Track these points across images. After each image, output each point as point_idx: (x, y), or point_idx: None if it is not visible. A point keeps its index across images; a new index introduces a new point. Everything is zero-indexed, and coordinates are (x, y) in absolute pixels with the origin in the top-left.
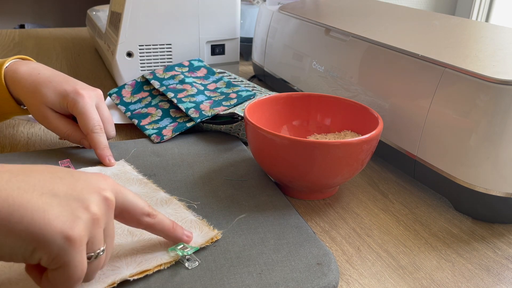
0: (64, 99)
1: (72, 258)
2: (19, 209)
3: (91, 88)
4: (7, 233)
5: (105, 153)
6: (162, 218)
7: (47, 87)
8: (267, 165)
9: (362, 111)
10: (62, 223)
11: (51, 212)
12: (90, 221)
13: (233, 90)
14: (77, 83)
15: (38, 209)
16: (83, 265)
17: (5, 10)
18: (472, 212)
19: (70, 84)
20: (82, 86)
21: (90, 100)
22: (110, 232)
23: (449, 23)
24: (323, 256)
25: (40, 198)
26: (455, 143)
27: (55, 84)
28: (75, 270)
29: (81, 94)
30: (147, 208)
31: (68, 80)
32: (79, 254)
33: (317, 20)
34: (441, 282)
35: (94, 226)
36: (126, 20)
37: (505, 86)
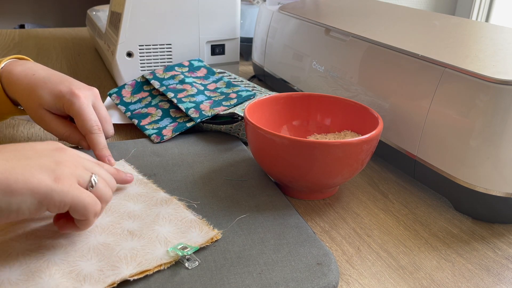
0: (59, 100)
1: (73, 194)
2: (11, 174)
3: (86, 87)
4: (11, 193)
5: (104, 153)
6: (107, 166)
7: (42, 88)
8: (267, 165)
9: (362, 111)
10: (48, 175)
11: (35, 170)
12: (66, 168)
13: (233, 90)
14: (73, 82)
15: (24, 170)
16: (87, 194)
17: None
18: (472, 212)
19: (65, 84)
20: (77, 85)
21: (86, 100)
22: (90, 165)
23: (449, 23)
24: (323, 256)
25: (20, 162)
26: (455, 143)
27: (51, 85)
28: (85, 201)
29: (76, 95)
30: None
31: (63, 80)
32: (77, 190)
33: (317, 20)
34: (441, 282)
35: (71, 168)
36: (126, 20)
37: (505, 86)
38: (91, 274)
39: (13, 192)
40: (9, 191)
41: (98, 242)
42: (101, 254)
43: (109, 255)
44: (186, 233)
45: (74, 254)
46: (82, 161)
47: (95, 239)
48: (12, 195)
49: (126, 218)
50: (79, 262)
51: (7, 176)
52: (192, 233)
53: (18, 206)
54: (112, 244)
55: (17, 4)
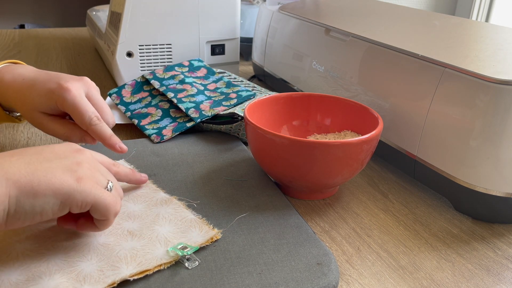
0: (51, 99)
1: (95, 193)
2: (33, 176)
3: (76, 78)
4: (34, 196)
5: (113, 141)
6: (122, 166)
7: (32, 91)
8: (267, 165)
9: (362, 111)
10: (70, 176)
11: (57, 171)
12: (87, 169)
13: (233, 90)
14: (60, 77)
15: (47, 171)
16: (108, 194)
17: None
18: (472, 212)
19: (53, 81)
20: (65, 79)
21: (78, 92)
22: (105, 172)
23: (449, 23)
24: (323, 256)
25: (42, 165)
26: (455, 143)
27: (39, 86)
28: (106, 200)
29: (66, 88)
30: (111, 160)
31: (51, 77)
32: (98, 190)
33: (317, 20)
34: (441, 282)
35: (91, 171)
36: (126, 20)
37: (505, 86)
38: (91, 274)
39: (36, 194)
40: (32, 193)
41: (98, 243)
42: (101, 254)
43: (109, 255)
44: (186, 232)
45: (74, 254)
46: (99, 166)
47: (95, 239)
48: (35, 196)
49: (126, 218)
50: (79, 262)
51: (30, 178)
52: (192, 233)
53: (42, 207)
54: (112, 244)
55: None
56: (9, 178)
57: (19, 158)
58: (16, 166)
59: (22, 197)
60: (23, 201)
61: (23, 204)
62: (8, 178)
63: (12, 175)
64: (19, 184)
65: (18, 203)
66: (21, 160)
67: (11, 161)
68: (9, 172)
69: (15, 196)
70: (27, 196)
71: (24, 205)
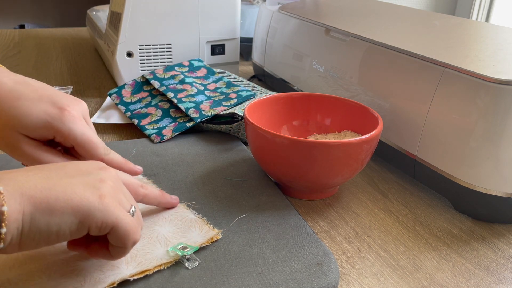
0: (47, 126)
1: (117, 215)
2: (51, 191)
3: (74, 101)
4: (50, 213)
5: (130, 167)
6: (151, 188)
7: (14, 107)
8: (267, 165)
9: (362, 111)
10: (91, 193)
11: (77, 188)
12: (110, 188)
13: (233, 90)
14: (54, 96)
15: (66, 187)
16: (130, 219)
17: (5, 10)
18: (472, 212)
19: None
20: (63, 101)
21: (82, 121)
22: (129, 196)
23: (449, 23)
24: (323, 256)
25: (61, 181)
26: (455, 143)
27: (27, 102)
28: (128, 225)
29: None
30: (139, 182)
31: (39, 94)
32: (121, 212)
33: (317, 20)
34: (441, 282)
35: (115, 191)
36: (126, 20)
37: (505, 86)
38: (91, 274)
39: (52, 211)
40: (48, 210)
41: None
42: None
43: None
44: (186, 232)
45: (74, 254)
46: (123, 187)
47: None
48: (51, 214)
49: None
50: (79, 262)
51: (47, 194)
52: (192, 233)
53: (59, 226)
54: None
55: (17, 4)
56: (23, 193)
57: (37, 173)
58: (33, 181)
59: (37, 214)
60: (38, 218)
61: (38, 222)
62: (23, 193)
63: (27, 190)
64: (34, 200)
65: (33, 221)
66: (39, 175)
67: (27, 175)
68: (24, 187)
69: (29, 213)
70: (42, 213)
71: (39, 223)
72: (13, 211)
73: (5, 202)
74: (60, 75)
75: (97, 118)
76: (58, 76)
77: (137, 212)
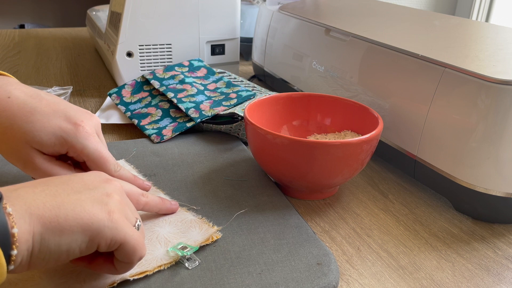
0: (62, 141)
1: (126, 232)
2: (60, 210)
3: (87, 116)
4: (60, 233)
5: (139, 181)
6: (152, 196)
7: (28, 121)
8: (267, 165)
9: (362, 111)
10: (100, 209)
11: (86, 204)
12: (117, 202)
13: (233, 90)
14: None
15: (75, 204)
16: (138, 235)
17: (5, 10)
18: (472, 212)
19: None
20: (77, 116)
21: (95, 136)
22: (133, 208)
23: (449, 23)
24: (323, 256)
25: (69, 197)
26: (455, 143)
27: (41, 117)
28: (136, 241)
29: (86, 133)
30: (140, 191)
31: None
32: (129, 228)
33: (317, 20)
34: (441, 282)
35: (121, 205)
36: (126, 20)
37: (506, 86)
38: (91, 274)
39: (62, 230)
40: (58, 230)
41: None
42: None
43: None
44: (186, 232)
45: None
46: (128, 200)
47: None
48: (61, 233)
49: None
50: None
51: (56, 213)
52: (192, 232)
53: (69, 245)
54: None
55: (17, 4)
56: (32, 213)
57: (44, 189)
58: (40, 199)
59: (47, 234)
60: (48, 238)
61: (48, 242)
62: (32, 212)
63: (36, 209)
64: (44, 220)
65: (43, 241)
66: (46, 192)
67: (34, 193)
68: (33, 206)
69: (39, 233)
70: (52, 233)
71: (49, 243)
72: (23, 232)
73: (15, 223)
74: (60, 75)
75: None
76: (58, 76)
77: (141, 226)
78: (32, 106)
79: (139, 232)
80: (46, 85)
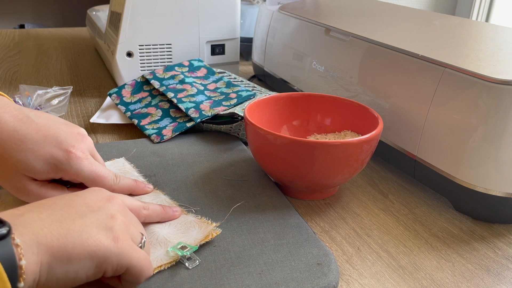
0: (55, 168)
1: (132, 257)
2: (67, 238)
3: (79, 138)
4: (68, 261)
5: (140, 186)
6: (153, 206)
7: (19, 150)
8: (267, 165)
9: (362, 111)
10: (105, 236)
11: (92, 231)
12: (122, 224)
13: (233, 90)
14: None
15: (81, 231)
16: (144, 256)
17: (5, 10)
18: (472, 212)
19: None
20: (68, 141)
21: (89, 158)
22: (137, 223)
23: (449, 23)
24: (323, 256)
25: (75, 223)
26: (455, 143)
27: (31, 145)
28: (142, 263)
29: (78, 158)
30: (141, 203)
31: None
32: (135, 252)
33: (317, 20)
34: (441, 282)
35: (126, 226)
36: (126, 20)
37: (505, 86)
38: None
39: (70, 258)
40: (66, 258)
41: None
42: None
43: None
44: (186, 233)
45: None
46: (131, 216)
47: None
48: (69, 262)
49: None
50: None
51: (64, 241)
52: (191, 232)
53: (76, 273)
54: None
55: (17, 4)
56: (40, 243)
57: (50, 215)
58: (47, 227)
59: (54, 263)
60: (55, 267)
61: (55, 271)
62: (40, 242)
63: (44, 239)
64: (52, 250)
65: (50, 271)
66: (52, 218)
67: (41, 219)
68: (40, 235)
69: (47, 263)
70: (60, 261)
71: (57, 272)
72: (31, 263)
73: (23, 255)
74: (60, 75)
75: (97, 118)
76: (58, 76)
77: (147, 241)
78: (22, 133)
79: (145, 251)
80: (46, 85)
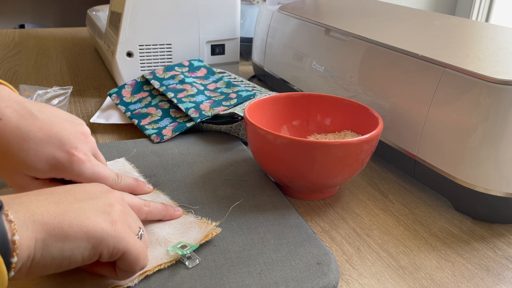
0: (57, 169)
1: (128, 241)
2: (63, 217)
3: (82, 139)
4: (64, 239)
5: (141, 185)
6: (154, 204)
7: (21, 150)
8: (267, 165)
9: (362, 111)
10: (103, 218)
11: (89, 213)
12: (120, 212)
13: (233, 90)
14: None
15: (79, 212)
16: (140, 245)
17: (5, 10)
18: (472, 212)
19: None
20: (70, 142)
21: (91, 159)
22: (135, 217)
23: (449, 23)
24: (323, 256)
25: (72, 205)
26: (455, 143)
27: (34, 145)
28: (138, 251)
29: (80, 160)
30: (142, 201)
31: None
32: (132, 238)
33: (317, 20)
34: (441, 282)
35: (124, 215)
36: (126, 20)
37: (505, 86)
38: (91, 276)
39: (66, 237)
40: (62, 236)
41: None
42: None
43: None
44: (186, 233)
45: None
46: (130, 210)
47: None
48: (65, 240)
49: None
50: None
51: (60, 220)
52: (191, 232)
53: (72, 252)
54: None
55: (17, 4)
56: (36, 220)
57: (47, 197)
58: (44, 206)
59: (50, 240)
60: (51, 244)
61: (50, 248)
62: (35, 220)
63: (40, 216)
64: (47, 226)
65: (45, 247)
66: (50, 200)
67: (38, 201)
68: (36, 213)
69: (42, 239)
70: (56, 239)
71: (52, 249)
72: (25, 239)
73: (16, 231)
74: (60, 75)
75: (97, 118)
76: (58, 76)
77: (144, 235)
78: (25, 131)
79: (142, 242)
80: (46, 85)
